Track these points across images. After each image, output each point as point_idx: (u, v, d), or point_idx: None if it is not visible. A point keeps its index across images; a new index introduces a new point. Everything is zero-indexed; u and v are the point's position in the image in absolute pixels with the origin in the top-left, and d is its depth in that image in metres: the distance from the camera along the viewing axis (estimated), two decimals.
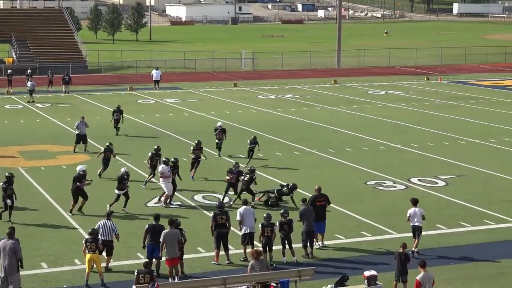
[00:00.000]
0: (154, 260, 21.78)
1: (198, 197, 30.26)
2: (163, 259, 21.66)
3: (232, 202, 29.00)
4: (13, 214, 27.07)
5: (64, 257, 23.57)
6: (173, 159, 30.42)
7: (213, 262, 23.02)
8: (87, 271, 21.22)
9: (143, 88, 65.72)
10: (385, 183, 32.78)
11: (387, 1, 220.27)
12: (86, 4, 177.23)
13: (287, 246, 23.14)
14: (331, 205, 26.11)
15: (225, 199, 29.09)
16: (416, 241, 23.73)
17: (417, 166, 36.04)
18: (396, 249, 21.03)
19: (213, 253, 23.16)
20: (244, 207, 23.59)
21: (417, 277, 18.88)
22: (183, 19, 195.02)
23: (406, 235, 25.11)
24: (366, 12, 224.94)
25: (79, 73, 75.15)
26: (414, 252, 23.47)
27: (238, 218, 23.36)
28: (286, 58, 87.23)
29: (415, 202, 24.12)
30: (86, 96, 61.04)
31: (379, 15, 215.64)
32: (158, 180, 29.76)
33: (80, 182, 28.07)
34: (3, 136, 43.81)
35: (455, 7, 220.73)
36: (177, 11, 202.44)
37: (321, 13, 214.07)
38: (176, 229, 21.76)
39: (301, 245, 23.63)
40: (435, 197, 30.39)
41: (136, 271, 19.46)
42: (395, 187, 32.13)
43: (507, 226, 26.84)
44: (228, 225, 23.03)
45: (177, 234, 21.61)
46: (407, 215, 23.97)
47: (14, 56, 78.92)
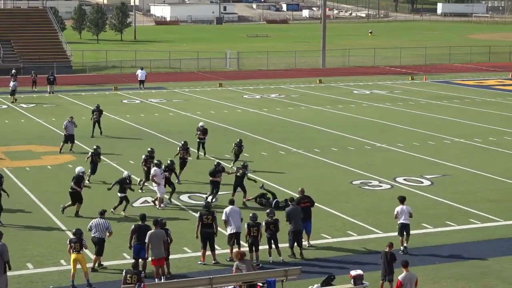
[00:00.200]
0: (140, 260, 21.73)
1: (184, 197, 30.22)
2: (149, 259, 21.61)
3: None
4: None
5: (50, 257, 23.49)
6: (169, 161, 30.47)
7: (199, 262, 22.99)
8: (72, 271, 21.16)
9: (128, 88, 65.59)
10: (370, 182, 32.85)
11: (371, 1, 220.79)
12: (70, 4, 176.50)
13: (273, 246, 23.15)
14: (317, 204, 26.13)
15: (209, 198, 29.01)
16: (403, 238, 23.84)
17: (403, 166, 36.14)
18: (382, 249, 21.07)
19: (199, 253, 23.14)
20: (230, 206, 23.55)
21: (399, 277, 18.91)
22: (168, 19, 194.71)
23: (392, 234, 25.18)
24: (350, 12, 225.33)
25: (64, 73, 74.96)
26: (406, 248, 23.74)
27: (223, 217, 23.35)
28: (271, 58, 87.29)
29: (402, 200, 24.21)
30: (71, 96, 60.85)
31: (364, 15, 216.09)
32: (151, 184, 29.71)
33: (79, 183, 27.82)
34: None
35: (439, 7, 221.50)
36: (162, 11, 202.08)
37: (305, 13, 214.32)
38: (161, 229, 21.72)
39: (287, 244, 23.63)
40: (421, 196, 30.48)
41: (124, 271, 19.44)
42: (380, 186, 32.20)
43: (493, 225, 26.95)
44: (214, 225, 23.00)
45: (162, 234, 21.57)
46: (395, 212, 24.05)
47: None
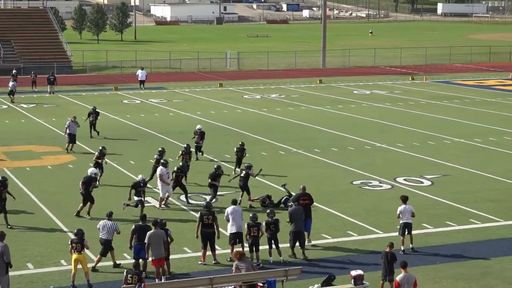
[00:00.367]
0: (140, 260, 21.74)
1: (184, 197, 30.18)
2: (149, 259, 21.61)
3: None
4: None
5: (50, 257, 23.49)
6: (181, 163, 30.53)
7: (199, 262, 23.00)
8: (73, 271, 21.16)
9: (128, 88, 65.60)
10: (370, 182, 32.85)
11: (371, 1, 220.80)
12: (70, 4, 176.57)
13: (273, 246, 23.16)
14: (317, 204, 26.14)
15: (212, 199, 28.99)
16: (404, 238, 23.89)
17: (403, 166, 36.13)
18: (383, 249, 21.07)
19: (200, 253, 23.14)
20: (232, 206, 23.55)
21: (397, 278, 18.94)
22: (168, 19, 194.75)
23: (393, 234, 25.20)
24: (351, 12, 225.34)
25: (64, 73, 74.97)
26: (413, 248, 23.90)
27: (225, 217, 23.38)
28: (272, 58, 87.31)
29: (405, 200, 24.24)
30: (71, 96, 60.85)
31: (364, 15, 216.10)
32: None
33: (90, 185, 27.72)
34: None
35: (439, 7, 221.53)
36: (162, 11, 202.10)
37: (306, 13, 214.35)
38: (161, 229, 21.73)
39: (287, 245, 23.64)
40: (421, 196, 30.46)
41: (125, 271, 19.45)
42: (381, 186, 32.20)
43: (493, 225, 26.95)
44: (215, 225, 23.00)
45: (162, 235, 21.56)
46: (398, 212, 24.03)
47: None
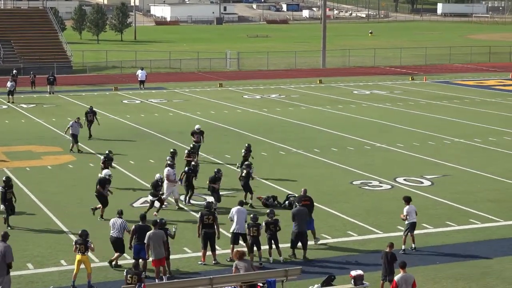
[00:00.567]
0: (140, 260, 21.74)
1: (184, 197, 30.16)
2: (150, 259, 21.61)
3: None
4: None
5: (50, 257, 23.49)
6: (194, 162, 30.53)
7: (199, 262, 23.00)
8: (75, 271, 21.18)
9: (128, 88, 65.59)
10: (370, 182, 32.85)
11: (371, 1, 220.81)
12: (70, 4, 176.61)
13: (273, 246, 23.17)
14: (317, 204, 26.11)
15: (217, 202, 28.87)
16: (406, 238, 23.94)
17: (403, 166, 36.13)
18: (383, 249, 21.07)
19: (200, 253, 23.14)
20: (238, 207, 23.63)
21: (395, 278, 18.95)
22: (168, 19, 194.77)
23: (393, 234, 25.24)
24: (350, 12, 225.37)
25: (64, 74, 74.95)
26: (415, 248, 23.98)
27: (230, 216, 23.49)
28: (271, 58, 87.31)
29: (408, 200, 24.27)
30: (71, 96, 60.84)
31: (364, 15, 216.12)
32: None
33: (104, 186, 27.50)
34: None
35: (439, 7, 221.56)
36: (162, 11, 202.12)
37: (306, 13, 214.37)
38: (160, 229, 21.73)
39: (288, 245, 23.66)
40: (421, 196, 30.45)
41: (125, 271, 19.46)
42: (381, 186, 32.20)
43: (493, 225, 26.95)
44: (215, 226, 23.00)
45: (161, 235, 21.56)
46: (404, 213, 23.99)
47: None
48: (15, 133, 44.86)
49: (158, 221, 22.00)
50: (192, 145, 34.18)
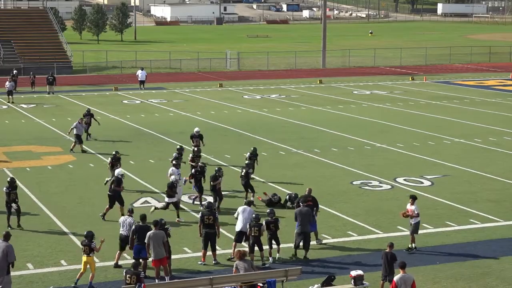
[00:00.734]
0: (141, 260, 21.74)
1: (184, 198, 30.19)
2: (150, 259, 21.61)
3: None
4: None
5: (50, 258, 23.48)
6: (201, 163, 30.43)
7: (199, 263, 22.99)
8: (81, 270, 21.21)
9: (128, 89, 65.58)
10: (370, 183, 32.84)
11: (371, 1, 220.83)
12: (70, 4, 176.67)
13: (274, 246, 23.18)
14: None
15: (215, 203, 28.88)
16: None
17: (403, 166, 36.12)
18: (383, 249, 21.07)
19: (200, 254, 23.14)
20: (245, 206, 23.77)
21: (394, 278, 18.96)
22: (168, 19, 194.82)
23: (392, 234, 25.25)
24: (350, 12, 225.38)
25: (64, 74, 74.97)
26: (415, 247, 24.02)
27: (236, 215, 23.64)
28: (272, 58, 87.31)
29: (415, 199, 24.37)
30: (71, 96, 60.83)
31: (364, 15, 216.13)
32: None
33: (119, 186, 27.47)
34: None
35: (439, 7, 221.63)
36: (162, 11, 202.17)
37: (306, 13, 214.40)
38: (161, 229, 21.73)
39: (288, 245, 23.66)
40: (421, 196, 30.34)
41: (124, 271, 19.46)
42: (381, 187, 32.20)
43: (493, 225, 26.95)
44: (216, 226, 22.98)
45: (162, 235, 21.56)
46: (416, 212, 24.01)
47: None
48: (15, 133, 44.83)
49: (159, 221, 21.99)
50: (197, 149, 33.99)
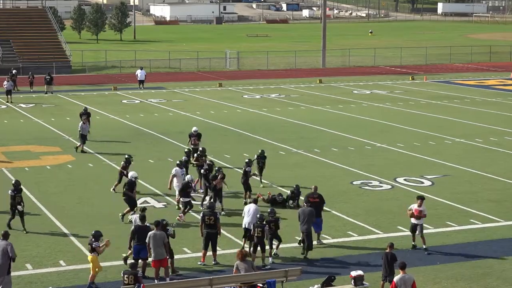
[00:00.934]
0: (140, 260, 21.66)
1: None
2: (149, 260, 21.54)
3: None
4: None
5: (49, 258, 23.40)
6: (209, 161, 30.49)
7: (199, 263, 22.91)
8: (91, 273, 21.20)
9: (127, 88, 65.49)
10: (371, 183, 32.75)
11: (371, 1, 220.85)
12: (69, 4, 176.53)
13: (274, 246, 23.12)
14: None
15: (217, 203, 28.69)
16: (416, 236, 24.13)
17: (403, 166, 36.03)
18: (383, 249, 20.98)
19: (200, 254, 23.05)
20: (253, 204, 24.05)
21: (394, 279, 18.90)
22: (168, 18, 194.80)
23: (393, 234, 25.16)
24: (350, 11, 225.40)
25: (63, 73, 74.90)
26: (414, 247, 24.12)
27: (243, 213, 23.89)
28: (271, 58, 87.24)
29: (423, 199, 24.39)
30: (70, 96, 60.73)
31: (364, 15, 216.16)
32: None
33: (133, 188, 27.25)
34: None
35: (440, 6, 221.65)
36: (161, 11, 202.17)
37: (305, 12, 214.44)
38: (162, 230, 21.63)
39: (288, 245, 23.57)
40: None
41: (122, 271, 19.39)
42: (381, 187, 32.10)
43: (493, 225, 26.87)
44: (217, 226, 22.88)
45: (163, 236, 21.48)
46: (425, 212, 24.08)
47: None
48: (14, 133, 44.72)
49: (160, 221, 21.90)
50: (202, 148, 33.48)
